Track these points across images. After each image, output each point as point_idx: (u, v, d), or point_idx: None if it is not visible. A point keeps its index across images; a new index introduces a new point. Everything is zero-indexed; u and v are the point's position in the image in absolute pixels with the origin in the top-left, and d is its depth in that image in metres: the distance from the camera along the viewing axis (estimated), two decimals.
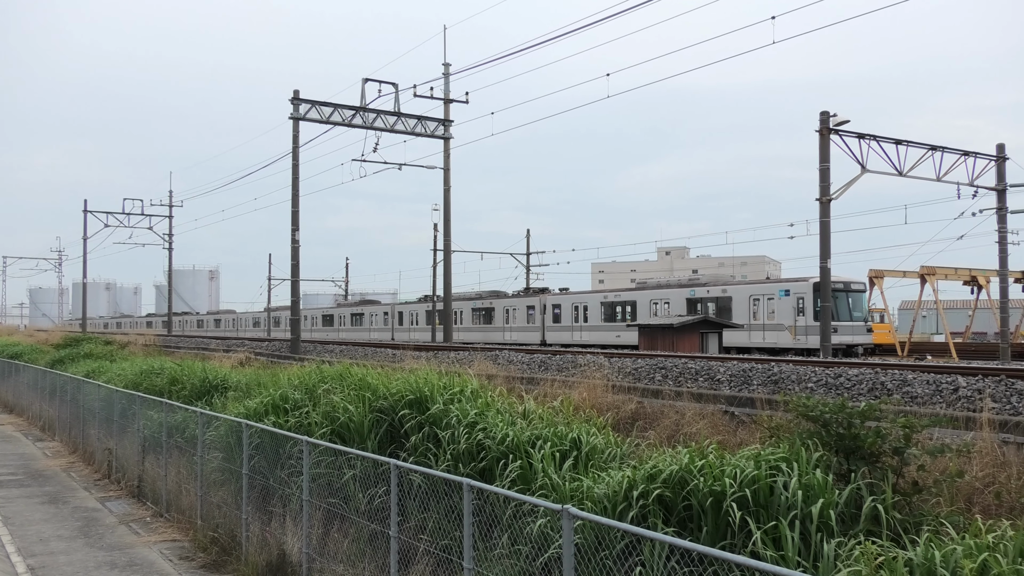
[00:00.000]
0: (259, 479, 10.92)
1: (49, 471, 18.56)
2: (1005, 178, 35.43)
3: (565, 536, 5.71)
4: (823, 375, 16.00)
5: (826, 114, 29.60)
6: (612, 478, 7.10)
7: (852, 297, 37.63)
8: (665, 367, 19.25)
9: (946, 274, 42.66)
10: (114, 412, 17.34)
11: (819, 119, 29.63)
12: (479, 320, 55.52)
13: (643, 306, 44.05)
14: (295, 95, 35.15)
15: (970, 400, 12.85)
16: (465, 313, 56.89)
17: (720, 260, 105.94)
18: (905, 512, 6.45)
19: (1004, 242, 36.09)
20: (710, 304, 40.87)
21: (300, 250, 36.27)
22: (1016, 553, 5.07)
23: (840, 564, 5.49)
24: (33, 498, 15.62)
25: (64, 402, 22.54)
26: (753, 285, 40.99)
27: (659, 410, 12.93)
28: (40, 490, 16.40)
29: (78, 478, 17.69)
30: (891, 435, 7.06)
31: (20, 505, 14.96)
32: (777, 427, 8.08)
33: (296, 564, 9.66)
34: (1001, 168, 35.41)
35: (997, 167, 35.37)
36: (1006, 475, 7.65)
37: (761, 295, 38.63)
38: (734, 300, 39.83)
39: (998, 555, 5.03)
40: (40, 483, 17.15)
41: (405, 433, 10.09)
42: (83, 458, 19.55)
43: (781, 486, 6.39)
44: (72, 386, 21.82)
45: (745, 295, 39.54)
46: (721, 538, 6.25)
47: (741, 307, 39.30)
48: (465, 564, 6.84)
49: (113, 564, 11.34)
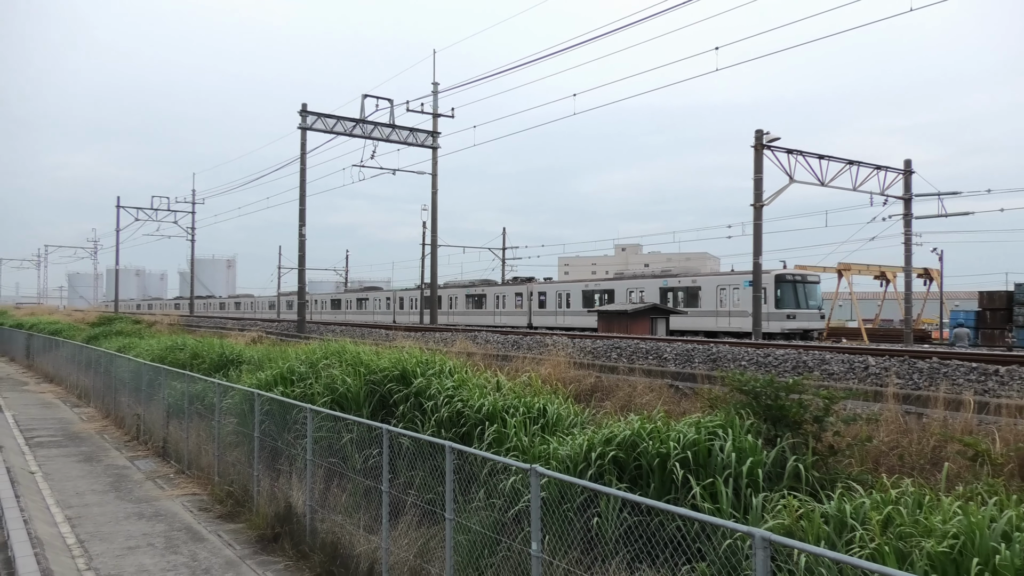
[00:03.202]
0: (268, 441, 10.86)
1: (84, 433, 18.34)
2: (911, 189, 35.81)
3: (533, 491, 5.72)
4: (755, 355, 16.11)
5: (760, 132, 29.74)
6: (574, 441, 7.12)
7: (807, 287, 37.16)
8: (620, 347, 19.31)
9: (859, 270, 43.07)
10: (142, 382, 17.16)
11: (755, 136, 29.75)
12: (472, 305, 54.78)
13: (620, 294, 43.16)
14: (303, 108, 34.85)
15: (878, 377, 12.99)
16: (460, 299, 55.99)
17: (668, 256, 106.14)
18: (822, 471, 6.51)
19: (909, 243, 36.50)
20: (680, 293, 40.02)
21: (306, 243, 36.04)
22: (914, 506, 5.14)
23: (766, 515, 5.53)
24: (70, 457, 15.43)
25: (98, 373, 22.26)
26: (720, 276, 39.89)
27: (614, 384, 12.97)
28: (76, 450, 16.20)
29: (110, 440, 17.49)
30: (812, 406, 7.12)
31: (59, 463, 14.78)
32: (715, 399, 8.13)
33: (301, 515, 9.63)
34: (908, 180, 35.78)
35: (904, 179, 35.74)
36: (908, 440, 7.74)
37: (727, 285, 37.90)
38: (703, 289, 39.10)
39: (900, 508, 5.09)
40: (76, 444, 16.95)
41: (395, 402, 10.07)
42: (115, 422, 19.34)
43: (718, 449, 6.43)
44: (105, 359, 21.55)
45: (713, 285, 38.81)
46: (666, 493, 6.28)
47: (709, 296, 38.64)
48: (447, 515, 6.84)
49: (141, 515, 11.24)
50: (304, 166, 35.45)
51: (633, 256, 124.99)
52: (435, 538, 7.52)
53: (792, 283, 36.38)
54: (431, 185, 38.96)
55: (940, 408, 8.96)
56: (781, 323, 35.23)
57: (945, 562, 4.43)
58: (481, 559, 6.79)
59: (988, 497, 5.32)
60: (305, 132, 35.07)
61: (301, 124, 34.90)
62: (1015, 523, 4.67)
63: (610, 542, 5.85)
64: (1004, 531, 4.57)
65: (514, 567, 6.35)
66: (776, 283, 35.71)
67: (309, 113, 35.01)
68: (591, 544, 5.99)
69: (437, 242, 40.40)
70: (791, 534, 5.06)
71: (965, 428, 7.95)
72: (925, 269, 45.67)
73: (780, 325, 35.08)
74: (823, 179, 32.42)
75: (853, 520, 5.05)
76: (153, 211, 65.88)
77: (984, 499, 5.30)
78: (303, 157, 35.38)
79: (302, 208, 35.53)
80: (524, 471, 6.17)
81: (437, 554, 7.32)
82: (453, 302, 55.96)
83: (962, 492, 5.54)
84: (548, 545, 6.01)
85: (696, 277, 41.08)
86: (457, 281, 61.38)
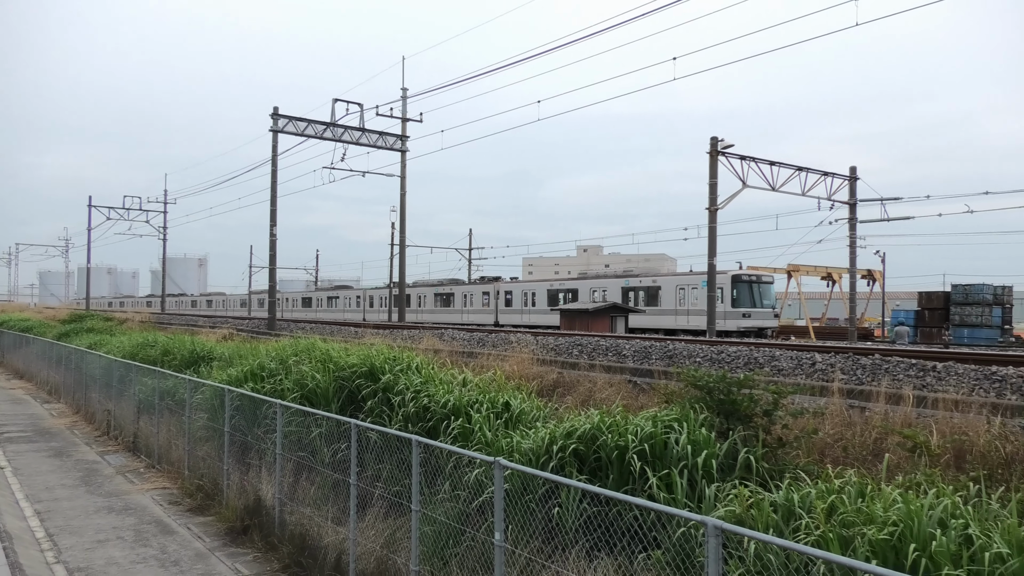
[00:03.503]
0: (239, 436, 10.70)
1: (55, 429, 17.91)
2: (856, 194, 36.46)
3: (496, 483, 5.71)
4: (709, 351, 16.27)
5: (715, 139, 30.05)
6: (536, 435, 7.12)
7: (762, 288, 37.27)
8: (581, 344, 19.39)
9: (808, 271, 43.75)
10: (113, 379, 16.80)
11: (710, 143, 30.05)
12: (440, 304, 54.30)
13: (584, 293, 42.87)
14: (275, 111, 34.47)
15: (824, 373, 13.20)
16: (428, 298, 55.42)
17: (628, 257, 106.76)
18: (772, 462, 6.58)
19: (854, 246, 37.15)
20: (641, 292, 39.81)
21: (277, 243, 35.62)
22: (857, 495, 5.22)
23: (719, 504, 5.58)
24: (40, 452, 15.06)
25: (69, 370, 21.76)
26: (679, 276, 39.77)
27: (576, 379, 13.01)
28: (46, 445, 15.82)
29: (80, 435, 17.11)
30: (762, 400, 7.21)
31: (29, 458, 14.42)
32: (671, 394, 8.20)
33: (270, 507, 9.50)
34: (853, 186, 36.43)
35: (850, 185, 36.38)
36: (851, 433, 7.87)
37: (686, 285, 37.78)
38: (663, 289, 38.99)
39: (844, 496, 5.17)
40: (47, 439, 16.54)
41: (363, 398, 9.99)
42: (85, 418, 18.91)
43: (673, 441, 6.48)
44: (76, 356, 21.07)
45: (672, 285, 38.73)
46: (624, 484, 6.31)
47: (669, 295, 38.56)
48: (413, 507, 6.80)
49: (111, 508, 11.00)
50: (275, 167, 35.06)
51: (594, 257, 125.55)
52: (401, 529, 7.48)
53: (748, 283, 36.65)
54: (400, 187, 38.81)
55: (882, 402, 9.13)
56: (737, 321, 35.45)
57: (885, 548, 4.52)
58: (446, 549, 6.77)
59: (926, 487, 5.44)
60: (276, 135, 34.71)
61: (273, 127, 34.55)
62: (950, 511, 4.78)
63: (570, 531, 5.87)
64: (940, 519, 4.67)
65: (478, 556, 6.34)
66: (732, 283, 35.92)
67: (281, 116, 34.67)
68: (552, 534, 6.00)
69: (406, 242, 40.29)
70: (742, 522, 5.12)
71: (905, 421, 8.11)
72: (869, 270, 46.52)
73: (736, 323, 35.31)
74: (774, 184, 32.87)
75: (800, 509, 5.12)
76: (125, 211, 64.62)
77: (923, 489, 5.41)
78: (274, 159, 35.00)
79: (273, 209, 35.15)
80: (488, 464, 6.16)
81: (403, 544, 7.28)
82: (422, 300, 55.59)
83: (902, 482, 5.64)
84: (511, 535, 6.01)
85: (656, 277, 41.06)
86: (426, 280, 61.03)
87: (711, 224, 29.83)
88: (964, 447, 6.98)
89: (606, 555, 5.63)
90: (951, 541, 4.41)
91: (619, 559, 5.51)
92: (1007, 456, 6.78)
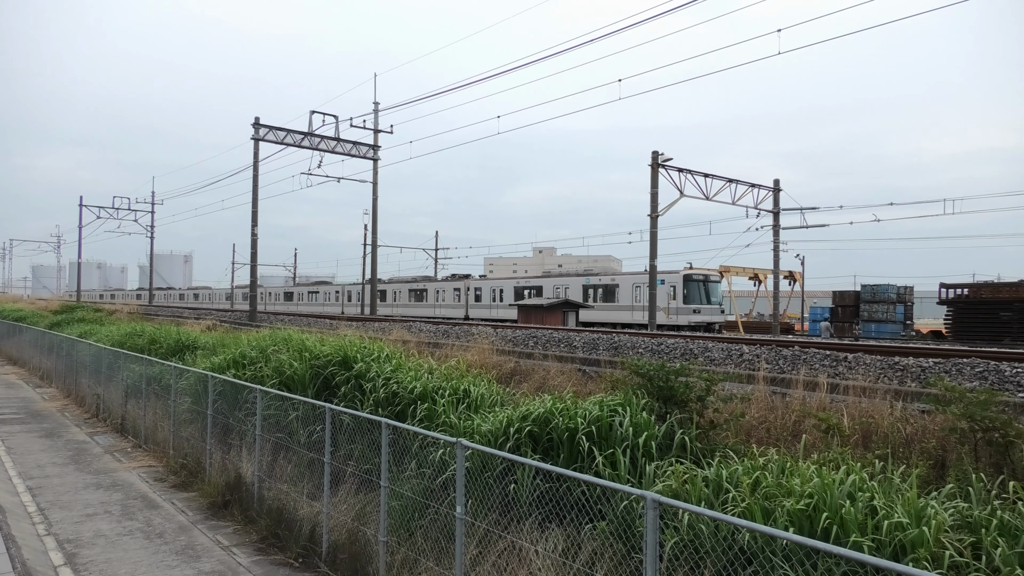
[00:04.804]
0: (221, 418, 10.49)
1: (46, 411, 17.35)
2: (779, 204, 37.21)
3: (458, 462, 5.69)
4: (650, 343, 16.41)
5: (656, 153, 30.38)
6: (495, 418, 7.11)
7: (710, 286, 37.10)
8: (537, 336, 19.42)
9: (737, 272, 44.42)
10: (102, 365, 16.33)
11: (652, 157, 30.38)
12: (414, 299, 53.40)
13: (548, 290, 42.41)
14: (256, 121, 33.85)
15: (751, 362, 13.39)
16: (403, 293, 54.37)
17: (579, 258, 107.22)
18: (704, 443, 6.66)
19: (777, 249, 37.90)
20: (600, 289, 39.35)
21: (258, 241, 35.03)
22: (778, 471, 5.32)
23: (657, 480, 5.64)
24: (32, 433, 14.57)
25: (60, 357, 21.09)
26: (636, 275, 38.98)
27: (531, 368, 13.02)
28: (38, 426, 15.31)
29: (71, 417, 16.60)
30: (696, 387, 7.29)
31: (21, 439, 13.94)
32: (616, 381, 8.25)
33: (249, 484, 9.34)
34: (776, 197, 37.17)
35: (774, 196, 37.11)
36: (774, 416, 8.00)
37: (642, 283, 36.88)
38: (620, 287, 38.64)
39: (767, 472, 5.26)
40: (38, 421, 16.01)
41: (337, 384, 9.87)
42: (75, 401, 18.35)
43: (618, 424, 6.52)
44: (67, 344, 20.43)
45: (629, 283, 38.36)
46: (574, 462, 6.34)
47: (626, 292, 38.20)
48: (382, 483, 6.75)
49: (99, 485, 10.70)
50: (256, 173, 34.46)
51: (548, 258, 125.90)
52: (371, 503, 7.41)
53: (697, 282, 36.50)
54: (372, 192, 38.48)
55: (800, 389, 9.29)
56: (688, 317, 35.37)
57: (802, 518, 4.61)
58: (412, 521, 6.73)
59: (838, 463, 5.57)
60: (258, 143, 34.11)
61: (254, 136, 33.93)
62: (858, 485, 4.90)
63: (525, 505, 5.87)
64: (850, 492, 4.79)
65: (441, 528, 6.31)
66: (684, 282, 35.74)
67: (262, 126, 34.12)
68: (508, 507, 6.00)
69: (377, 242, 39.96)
70: (677, 496, 5.18)
71: (820, 406, 8.27)
72: (790, 272, 47.46)
73: (687, 319, 35.23)
74: (708, 194, 33.36)
75: (728, 484, 5.19)
76: (115, 210, 62.87)
77: (835, 465, 5.54)
78: (256, 165, 34.39)
79: (254, 210, 34.53)
80: (451, 444, 6.14)
81: (372, 517, 7.22)
82: (397, 295, 54.89)
83: (817, 459, 5.76)
84: (471, 509, 6.00)
85: (615, 276, 40.81)
86: (401, 277, 60.36)
87: (652, 229, 30.15)
88: (871, 428, 7.15)
89: (557, 526, 5.65)
90: (858, 511, 4.52)
91: (568, 529, 5.53)
92: (907, 436, 6.97)
